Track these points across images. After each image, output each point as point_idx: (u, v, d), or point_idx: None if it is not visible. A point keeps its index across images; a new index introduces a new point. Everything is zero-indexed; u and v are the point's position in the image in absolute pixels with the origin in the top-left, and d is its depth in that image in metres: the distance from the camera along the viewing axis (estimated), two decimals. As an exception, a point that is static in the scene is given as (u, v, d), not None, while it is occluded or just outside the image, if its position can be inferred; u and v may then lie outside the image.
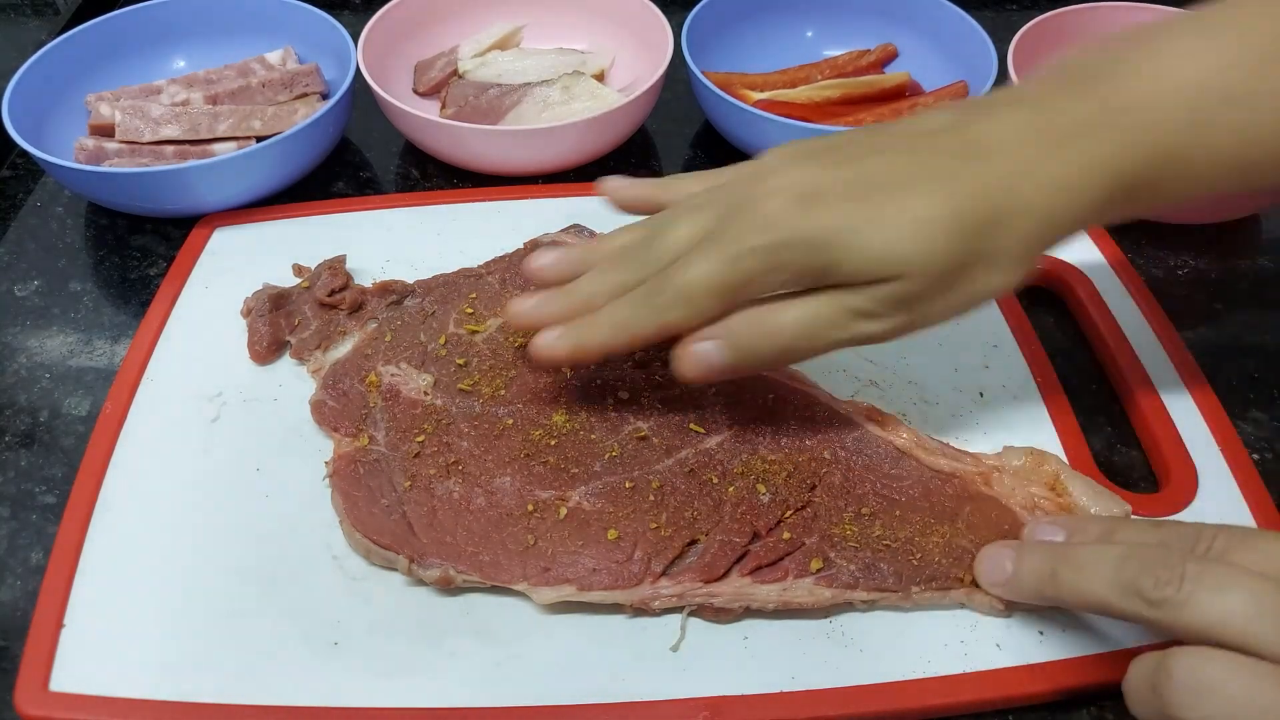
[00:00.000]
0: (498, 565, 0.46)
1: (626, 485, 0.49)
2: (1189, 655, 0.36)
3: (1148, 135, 0.42)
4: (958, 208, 0.41)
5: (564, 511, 0.48)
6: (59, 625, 0.46)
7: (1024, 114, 0.43)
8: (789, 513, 0.48)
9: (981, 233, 0.41)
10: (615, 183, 0.51)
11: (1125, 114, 0.42)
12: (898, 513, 0.48)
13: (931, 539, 0.47)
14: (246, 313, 0.58)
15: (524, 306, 0.48)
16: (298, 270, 0.61)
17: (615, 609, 0.46)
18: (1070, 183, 0.42)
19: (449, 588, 0.47)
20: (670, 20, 0.74)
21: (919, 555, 0.46)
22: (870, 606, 0.46)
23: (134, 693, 0.44)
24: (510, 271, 0.59)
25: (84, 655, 0.45)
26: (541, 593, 0.46)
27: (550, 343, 0.46)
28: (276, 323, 0.57)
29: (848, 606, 0.46)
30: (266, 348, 0.57)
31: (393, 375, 0.54)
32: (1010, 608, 0.46)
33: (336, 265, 0.60)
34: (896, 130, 0.45)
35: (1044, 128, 0.42)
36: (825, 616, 0.46)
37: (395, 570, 0.47)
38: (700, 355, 0.45)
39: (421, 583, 0.47)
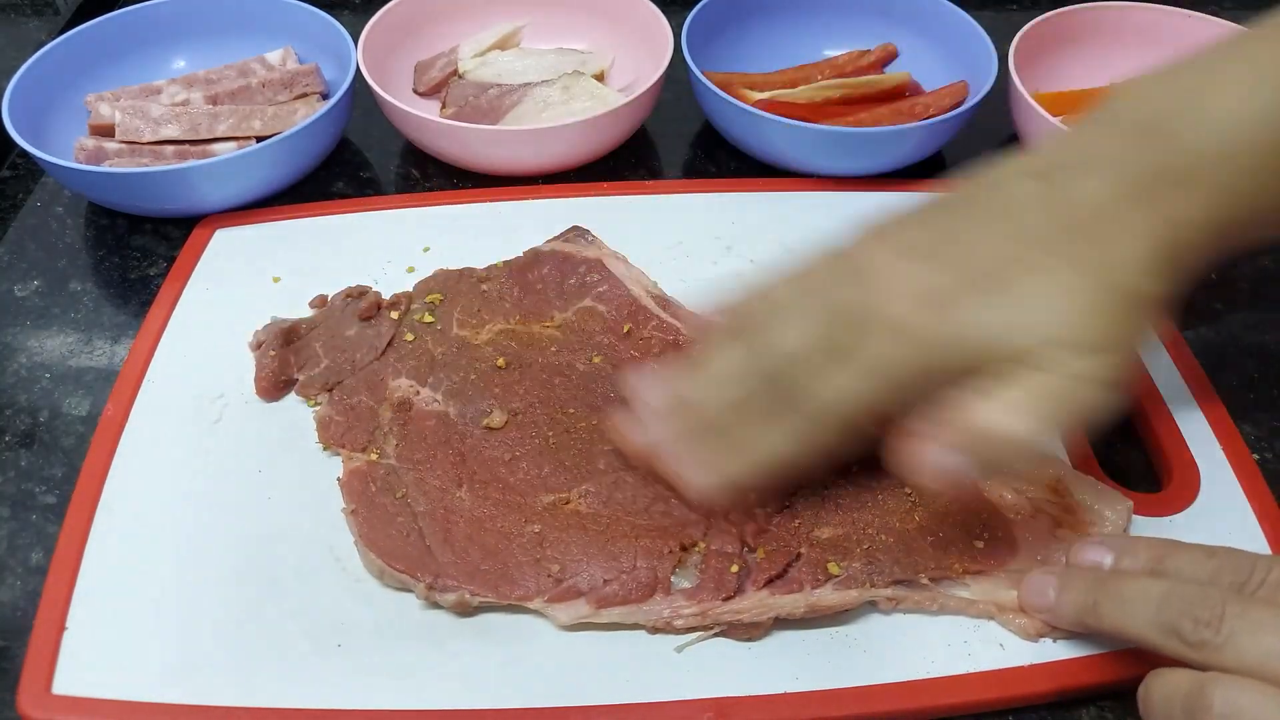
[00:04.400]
0: (511, 581, 0.46)
1: (623, 487, 0.49)
2: (1230, 686, 0.36)
3: (1233, 186, 0.41)
4: (1090, 274, 0.40)
5: (567, 513, 0.48)
6: (61, 628, 0.46)
7: (1107, 177, 0.41)
8: (775, 514, 0.48)
9: (1114, 288, 0.40)
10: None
11: (1200, 171, 0.40)
12: (886, 505, 0.48)
13: (918, 532, 0.47)
14: (256, 346, 0.57)
15: (645, 427, 0.47)
16: (320, 302, 0.60)
17: (634, 625, 0.46)
18: (1175, 237, 0.40)
19: (466, 610, 0.46)
20: (670, 20, 0.74)
21: (909, 549, 0.47)
22: (894, 607, 0.46)
23: (137, 695, 0.44)
24: (509, 279, 0.59)
25: (87, 658, 0.45)
26: (557, 611, 0.46)
27: (698, 480, 0.46)
28: (285, 359, 0.56)
29: (870, 611, 0.46)
30: (274, 384, 0.55)
31: (403, 388, 0.54)
32: (1046, 631, 0.45)
33: (363, 289, 0.59)
34: (982, 209, 0.42)
35: (1132, 190, 0.40)
36: (848, 625, 0.46)
37: (408, 590, 0.47)
38: (942, 468, 0.41)
39: (438, 606, 0.47)
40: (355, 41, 0.71)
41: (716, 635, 0.46)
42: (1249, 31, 0.44)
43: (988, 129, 0.74)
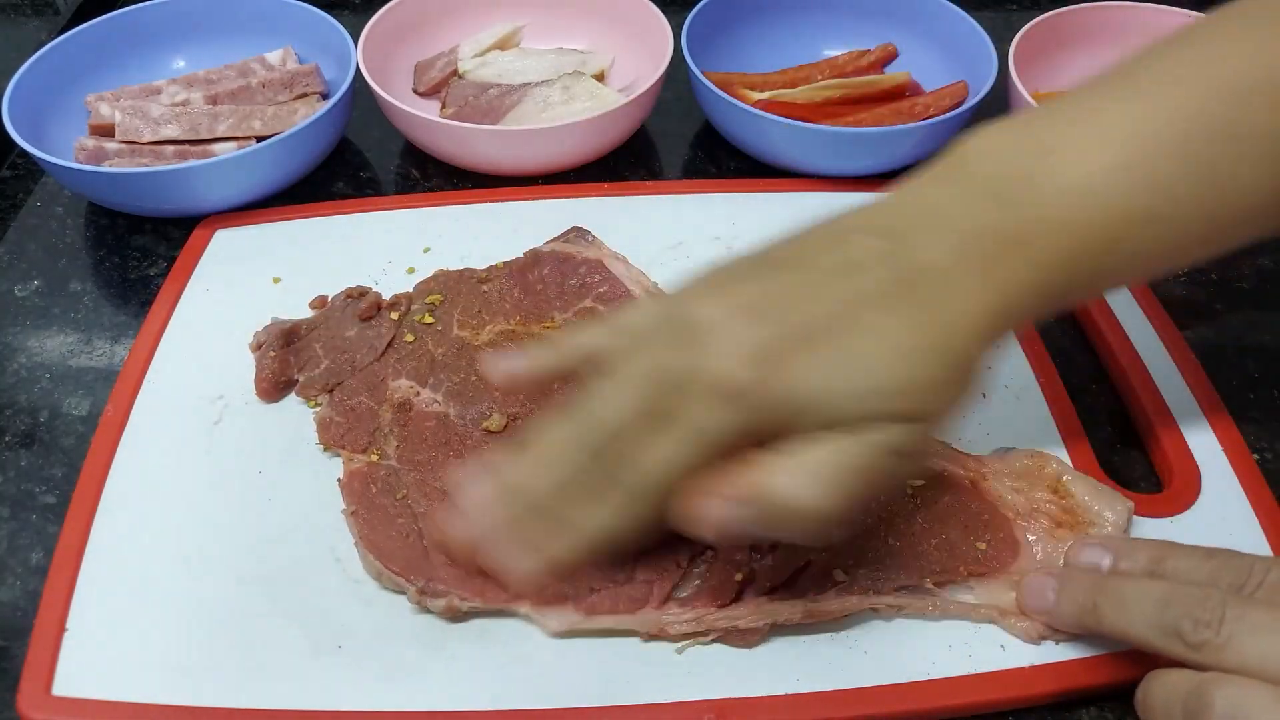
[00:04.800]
0: (499, 585, 0.46)
1: None
2: (1231, 686, 0.36)
3: (1070, 255, 0.40)
4: (923, 337, 0.38)
5: None
6: (61, 628, 0.46)
7: (948, 239, 0.40)
8: None
9: (945, 353, 0.39)
10: (506, 364, 0.45)
11: (1040, 237, 0.40)
12: (890, 507, 0.48)
13: (922, 534, 0.47)
14: (256, 347, 0.57)
15: (466, 523, 0.42)
16: (320, 302, 0.60)
17: (628, 632, 0.46)
18: (1006, 303, 0.40)
19: (455, 615, 0.46)
20: (670, 20, 0.74)
21: (915, 552, 0.47)
22: (895, 613, 0.46)
23: (138, 697, 0.44)
24: (509, 280, 0.59)
25: (87, 659, 0.45)
26: (546, 619, 0.46)
27: (524, 570, 0.41)
28: (285, 360, 0.56)
29: (871, 613, 0.46)
30: (274, 385, 0.55)
31: (404, 389, 0.54)
32: (1048, 634, 0.45)
33: (363, 289, 0.59)
34: (822, 266, 0.40)
35: (971, 254, 0.39)
36: (847, 627, 0.46)
37: (399, 593, 0.47)
38: (722, 522, 0.39)
39: (429, 611, 0.46)
40: (355, 41, 0.71)
41: (714, 642, 0.46)
42: (1108, 79, 0.43)
43: (988, 129, 0.74)
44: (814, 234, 0.42)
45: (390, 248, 0.64)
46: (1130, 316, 0.59)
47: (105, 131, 0.70)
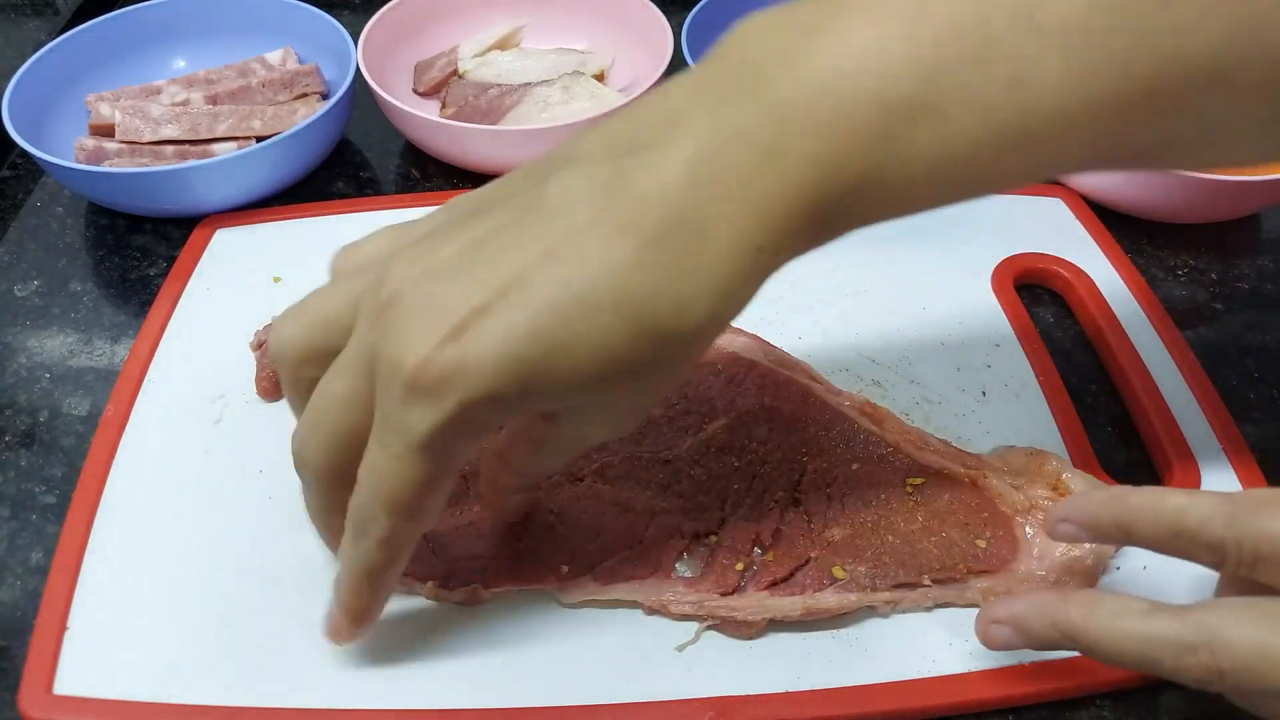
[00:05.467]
0: (526, 565, 0.46)
1: (640, 465, 0.50)
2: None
3: (834, 155, 0.32)
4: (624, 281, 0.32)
5: (581, 490, 0.49)
6: (62, 628, 0.46)
7: (682, 155, 0.33)
8: (786, 511, 0.48)
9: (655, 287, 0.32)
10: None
11: (804, 132, 0.32)
12: (889, 504, 0.48)
13: (921, 532, 0.47)
14: (257, 346, 0.57)
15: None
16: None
17: (633, 604, 0.46)
18: (766, 209, 0.33)
19: (478, 602, 0.47)
20: (670, 20, 0.74)
21: (914, 550, 0.47)
22: (893, 609, 0.46)
23: (138, 695, 0.44)
24: None
25: (88, 658, 0.45)
26: (566, 592, 0.46)
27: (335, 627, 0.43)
28: None
29: (870, 611, 0.46)
30: (275, 385, 0.55)
31: None
32: None
33: None
34: (532, 204, 0.34)
35: (725, 153, 0.32)
36: (848, 625, 0.46)
37: (411, 594, 0.47)
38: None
39: (449, 602, 0.47)
40: (355, 41, 0.71)
41: (710, 629, 0.46)
42: None
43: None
44: (540, 163, 0.36)
45: (390, 247, 0.64)
46: (1130, 316, 0.59)
47: (105, 131, 0.70)
